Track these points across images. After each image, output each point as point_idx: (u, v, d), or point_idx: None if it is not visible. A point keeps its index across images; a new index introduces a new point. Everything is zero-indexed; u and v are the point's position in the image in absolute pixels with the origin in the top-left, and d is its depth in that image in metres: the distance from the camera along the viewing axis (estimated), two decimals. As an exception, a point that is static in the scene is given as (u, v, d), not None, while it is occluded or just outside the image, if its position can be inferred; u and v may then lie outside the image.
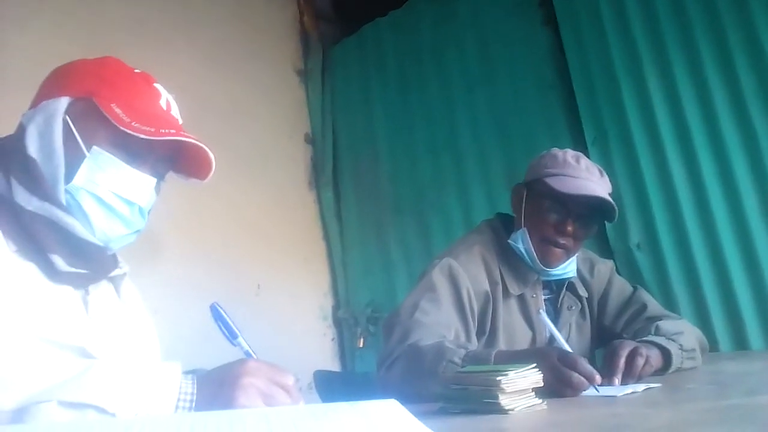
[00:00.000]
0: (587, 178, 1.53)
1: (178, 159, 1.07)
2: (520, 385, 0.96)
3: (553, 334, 1.34)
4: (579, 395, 1.09)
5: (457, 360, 1.21)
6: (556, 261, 1.55)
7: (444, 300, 1.46)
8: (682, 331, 1.45)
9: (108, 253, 1.04)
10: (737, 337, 1.91)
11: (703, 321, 1.92)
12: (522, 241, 1.56)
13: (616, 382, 1.22)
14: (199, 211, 2.64)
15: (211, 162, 1.04)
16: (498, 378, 0.94)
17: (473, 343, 1.47)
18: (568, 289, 1.64)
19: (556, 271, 1.57)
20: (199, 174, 1.08)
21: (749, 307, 1.90)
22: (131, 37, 2.55)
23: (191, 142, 1.00)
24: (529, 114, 2.48)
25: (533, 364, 0.99)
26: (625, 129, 2.18)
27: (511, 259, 1.59)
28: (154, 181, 1.04)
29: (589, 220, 1.56)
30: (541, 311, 1.46)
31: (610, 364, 1.25)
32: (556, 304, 1.64)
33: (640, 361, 1.25)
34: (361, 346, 3.01)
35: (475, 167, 2.66)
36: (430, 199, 2.82)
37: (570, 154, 1.58)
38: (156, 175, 1.04)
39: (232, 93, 2.96)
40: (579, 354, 1.22)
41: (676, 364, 1.36)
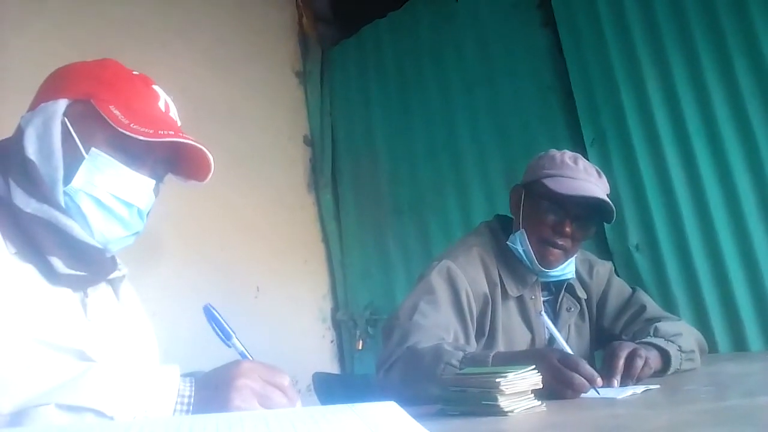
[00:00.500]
0: (585, 179, 1.53)
1: (176, 161, 1.07)
2: (520, 386, 0.96)
3: (554, 336, 1.34)
4: (578, 397, 1.09)
5: (455, 362, 1.21)
6: (555, 262, 1.55)
7: (443, 302, 1.46)
8: (681, 333, 1.45)
9: (107, 255, 1.04)
10: (736, 339, 1.91)
11: (701, 322, 1.92)
12: (520, 242, 1.56)
13: (615, 383, 1.22)
14: (198, 213, 2.63)
15: (209, 164, 1.04)
16: (497, 380, 0.94)
17: (472, 345, 1.47)
18: (566, 291, 1.64)
19: (554, 273, 1.57)
20: (198, 176, 1.08)
21: (748, 308, 1.89)
22: (130, 39, 2.54)
23: (190, 144, 1.00)
24: (527, 115, 2.48)
25: (532, 366, 0.99)
26: (624, 130, 2.18)
27: (510, 260, 1.59)
28: (152, 183, 1.04)
29: (588, 221, 1.56)
30: (541, 313, 1.46)
31: (609, 365, 1.25)
32: (555, 306, 1.64)
33: (639, 363, 1.25)
34: (360, 348, 3.01)
35: (474, 169, 2.66)
36: (429, 200, 2.82)
37: (568, 155, 1.58)
38: (155, 177, 1.04)
39: (230, 95, 2.96)
40: (578, 355, 1.22)
41: (675, 366, 1.36)
